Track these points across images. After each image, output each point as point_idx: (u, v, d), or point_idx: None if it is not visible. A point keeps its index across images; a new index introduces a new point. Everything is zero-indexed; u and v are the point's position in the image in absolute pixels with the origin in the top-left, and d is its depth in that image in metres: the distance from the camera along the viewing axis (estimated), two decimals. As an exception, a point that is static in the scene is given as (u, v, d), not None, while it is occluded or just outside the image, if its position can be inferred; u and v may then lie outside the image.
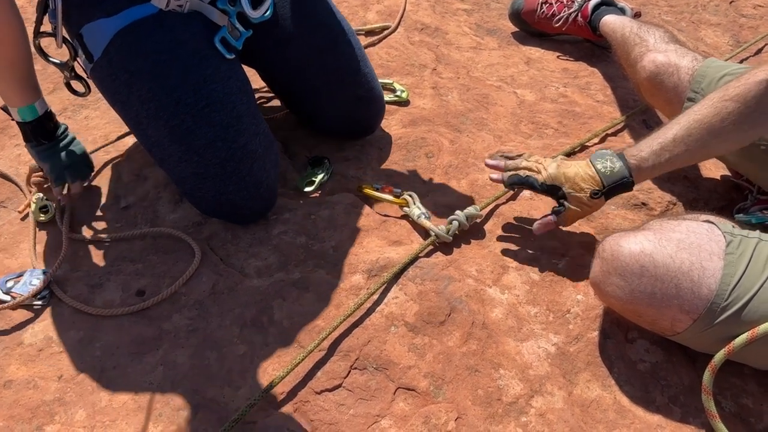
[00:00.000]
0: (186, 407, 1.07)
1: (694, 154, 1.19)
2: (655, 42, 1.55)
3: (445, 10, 2.22)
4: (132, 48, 1.23)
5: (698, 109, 1.17)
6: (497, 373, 1.13)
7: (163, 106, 1.24)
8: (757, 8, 2.31)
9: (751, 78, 1.13)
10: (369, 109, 1.56)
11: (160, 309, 1.21)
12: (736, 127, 1.14)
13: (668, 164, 1.19)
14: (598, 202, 1.24)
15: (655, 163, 1.19)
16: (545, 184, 1.28)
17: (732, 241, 1.05)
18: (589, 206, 1.24)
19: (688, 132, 1.16)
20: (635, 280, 1.05)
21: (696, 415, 1.09)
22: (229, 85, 1.28)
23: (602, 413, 1.10)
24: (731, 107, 1.14)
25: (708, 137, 1.16)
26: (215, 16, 1.29)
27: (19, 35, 1.22)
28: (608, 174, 1.21)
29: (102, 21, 1.22)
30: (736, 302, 1.01)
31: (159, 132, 1.26)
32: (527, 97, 1.82)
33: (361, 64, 1.51)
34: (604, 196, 1.22)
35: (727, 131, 1.15)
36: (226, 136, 1.25)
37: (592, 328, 1.22)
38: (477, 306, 1.23)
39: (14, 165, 1.52)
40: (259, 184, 1.31)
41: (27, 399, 1.08)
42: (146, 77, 1.24)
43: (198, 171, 1.27)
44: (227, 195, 1.29)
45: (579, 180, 1.24)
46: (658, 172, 1.22)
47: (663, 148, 1.18)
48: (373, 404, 1.09)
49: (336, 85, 1.48)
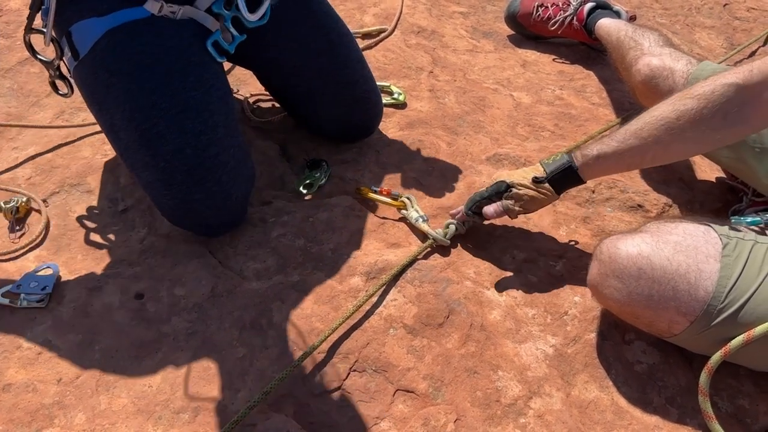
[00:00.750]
0: (185, 410, 1.07)
1: (646, 150, 1.14)
2: (650, 45, 1.56)
3: (441, 13, 2.23)
4: (117, 48, 1.22)
5: (659, 105, 1.14)
6: (496, 374, 1.14)
7: (138, 108, 1.22)
8: (750, 11, 2.33)
9: (719, 79, 1.09)
10: (366, 111, 1.56)
11: (159, 312, 1.21)
12: (692, 126, 1.10)
13: (618, 158, 1.16)
14: (545, 190, 1.23)
15: (601, 155, 1.17)
16: (489, 187, 1.31)
17: (728, 244, 1.06)
18: (534, 190, 1.24)
19: (642, 125, 1.13)
20: (633, 282, 1.06)
21: (693, 416, 1.10)
22: (210, 94, 1.27)
23: (600, 414, 1.11)
24: (690, 104, 1.09)
25: (662, 133, 1.11)
26: (209, 22, 1.29)
27: None
28: (550, 163, 1.24)
29: (93, 20, 1.22)
30: (733, 304, 1.02)
31: (130, 135, 1.24)
32: (523, 100, 1.83)
33: (358, 66, 1.51)
34: (548, 183, 1.23)
35: (682, 129, 1.10)
36: (197, 144, 1.23)
37: (589, 330, 1.22)
38: (475, 308, 1.23)
39: (11, 168, 1.52)
40: (227, 196, 1.27)
41: (26, 402, 1.08)
42: (125, 78, 1.23)
43: (163, 177, 1.24)
44: (192, 204, 1.26)
45: (522, 173, 1.27)
46: (609, 165, 1.19)
47: (612, 141, 1.17)
48: (373, 406, 1.09)
49: (333, 87, 1.48)
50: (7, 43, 1.89)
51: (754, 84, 1.06)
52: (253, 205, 1.42)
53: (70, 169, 1.50)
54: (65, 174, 1.49)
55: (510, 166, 1.57)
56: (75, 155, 1.55)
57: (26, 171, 1.50)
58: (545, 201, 1.26)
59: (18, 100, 1.71)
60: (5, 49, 1.86)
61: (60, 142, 1.58)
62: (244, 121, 1.66)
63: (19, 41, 1.88)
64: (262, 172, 1.51)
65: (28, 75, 1.79)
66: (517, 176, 1.27)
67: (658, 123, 1.12)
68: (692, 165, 1.60)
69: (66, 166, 1.51)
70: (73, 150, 1.56)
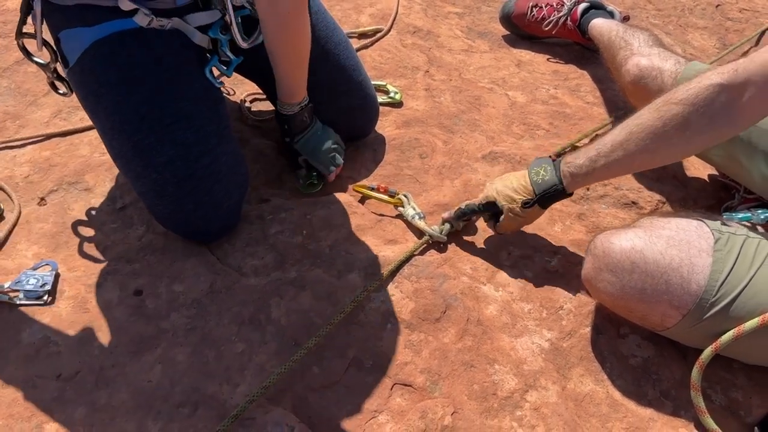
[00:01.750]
0: (185, 404, 1.08)
1: (633, 159, 1.13)
2: (639, 46, 1.58)
3: (436, 13, 2.25)
4: (105, 59, 1.22)
5: (642, 112, 1.12)
6: (492, 368, 1.15)
7: (127, 120, 1.22)
8: (742, 11, 2.36)
9: (702, 80, 1.07)
10: (363, 116, 1.58)
11: (158, 308, 1.22)
12: (679, 132, 1.08)
13: (605, 170, 1.16)
14: (533, 211, 1.25)
15: (589, 170, 1.16)
16: (481, 204, 1.31)
17: (720, 238, 1.08)
18: (523, 216, 1.26)
19: (628, 136, 1.12)
20: (626, 276, 1.08)
21: (687, 409, 1.12)
22: (200, 103, 1.27)
23: (595, 407, 1.12)
24: (675, 110, 1.07)
25: (649, 141, 1.10)
26: (197, 38, 1.29)
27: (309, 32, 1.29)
28: (540, 182, 1.22)
29: (79, 29, 1.21)
30: (724, 298, 1.04)
31: (122, 144, 1.25)
32: (518, 99, 1.85)
33: (354, 73, 1.51)
34: (537, 204, 1.23)
35: (669, 136, 1.08)
36: (188, 156, 1.23)
37: (584, 324, 1.24)
38: (472, 303, 1.25)
39: (9, 167, 1.52)
40: (218, 205, 1.28)
41: (26, 398, 1.09)
42: (114, 89, 1.22)
43: (155, 188, 1.25)
44: (184, 214, 1.27)
45: (511, 192, 1.26)
46: (597, 177, 1.19)
47: (599, 154, 1.15)
48: (371, 400, 1.10)
49: (329, 96, 1.48)
50: (4, 42, 1.90)
51: (738, 84, 1.04)
52: (250, 203, 1.43)
53: (68, 167, 1.51)
54: (63, 172, 1.50)
55: (505, 164, 1.59)
56: (73, 153, 1.55)
57: (24, 169, 1.50)
58: (530, 221, 1.30)
59: (15, 100, 1.71)
60: (2, 49, 1.87)
61: (58, 140, 1.59)
62: (241, 120, 1.67)
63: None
64: (260, 170, 1.52)
65: (26, 74, 1.79)
66: (505, 197, 1.27)
67: (644, 132, 1.10)
68: (685, 163, 1.62)
69: (64, 164, 1.52)
70: (71, 148, 1.57)
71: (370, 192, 1.45)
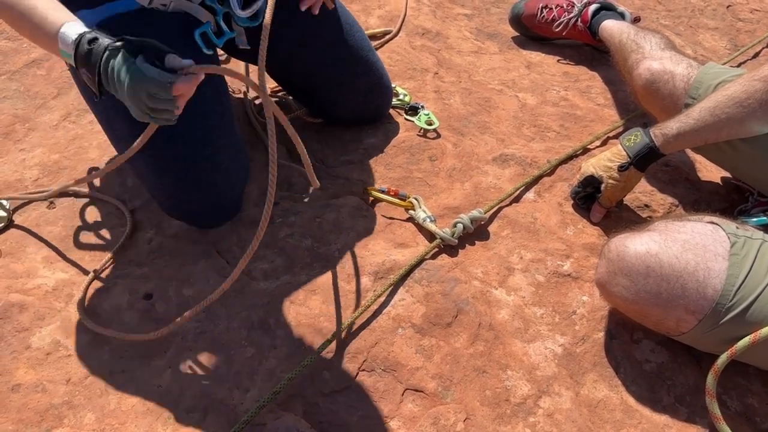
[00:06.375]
0: (195, 409, 1.07)
1: (721, 126, 1.25)
2: (651, 49, 1.56)
3: (445, 15, 2.23)
4: None
5: (728, 86, 1.25)
6: (505, 374, 1.14)
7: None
8: (753, 12, 2.34)
9: None
10: (381, 96, 1.62)
11: (167, 312, 1.22)
12: (760, 105, 1.20)
13: (694, 133, 1.26)
14: (631, 174, 1.34)
15: (680, 131, 1.27)
16: (580, 183, 1.43)
17: (736, 242, 1.06)
18: (623, 181, 1.35)
19: (716, 104, 1.24)
20: (641, 280, 1.06)
21: (702, 415, 1.10)
22: (203, 92, 1.24)
23: (609, 413, 1.11)
24: (758, 86, 1.20)
25: (734, 110, 1.22)
26: (202, 14, 1.28)
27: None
28: (632, 147, 1.34)
29: (83, 12, 1.20)
30: (741, 303, 1.02)
31: (124, 127, 1.24)
32: (529, 101, 1.83)
33: (371, 53, 1.56)
34: (634, 166, 1.33)
35: (753, 108, 1.21)
36: (192, 143, 1.24)
37: (598, 329, 1.22)
38: (483, 307, 1.23)
39: (19, 170, 1.52)
40: (220, 194, 1.30)
41: (35, 402, 1.08)
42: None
43: (157, 172, 1.27)
44: (188, 204, 1.29)
45: (606, 161, 1.37)
46: (687, 140, 1.29)
47: (689, 117, 1.27)
48: (382, 405, 1.09)
49: (349, 75, 1.52)
50: (13, 45, 1.90)
51: None
52: (259, 205, 1.42)
53: (77, 171, 1.51)
54: (72, 175, 1.49)
55: (516, 166, 1.57)
56: (82, 156, 1.55)
57: (33, 172, 1.50)
58: (631, 186, 1.39)
59: (25, 103, 1.71)
60: (12, 52, 1.87)
61: (67, 143, 1.58)
62: (249, 122, 1.67)
63: (25, 44, 1.89)
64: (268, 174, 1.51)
65: (35, 77, 1.79)
66: (601, 167, 1.38)
67: (730, 102, 1.22)
68: (698, 165, 1.61)
69: (73, 167, 1.52)
70: (80, 151, 1.57)
71: (380, 195, 1.44)
